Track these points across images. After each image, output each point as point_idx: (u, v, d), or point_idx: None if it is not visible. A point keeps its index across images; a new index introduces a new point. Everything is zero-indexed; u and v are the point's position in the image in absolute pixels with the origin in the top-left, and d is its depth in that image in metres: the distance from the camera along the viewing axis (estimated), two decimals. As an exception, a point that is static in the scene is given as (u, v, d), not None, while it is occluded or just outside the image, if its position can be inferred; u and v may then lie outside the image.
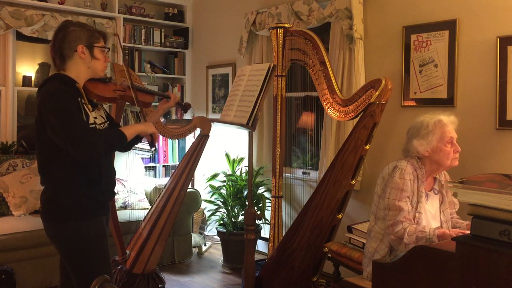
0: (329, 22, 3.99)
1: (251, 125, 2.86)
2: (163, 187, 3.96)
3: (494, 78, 3.12)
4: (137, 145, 2.80)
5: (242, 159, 4.79)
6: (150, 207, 4.13)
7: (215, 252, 4.94)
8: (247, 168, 4.21)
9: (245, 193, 4.46)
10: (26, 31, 4.62)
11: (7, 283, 3.48)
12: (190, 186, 3.98)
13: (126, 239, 3.84)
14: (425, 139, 2.43)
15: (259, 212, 3.94)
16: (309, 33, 3.40)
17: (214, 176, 4.78)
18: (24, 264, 3.70)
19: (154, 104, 4.01)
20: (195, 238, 4.81)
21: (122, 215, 4.20)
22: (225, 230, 4.51)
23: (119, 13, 5.19)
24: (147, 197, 4.68)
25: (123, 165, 4.48)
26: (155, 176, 5.50)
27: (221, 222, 4.63)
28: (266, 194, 4.48)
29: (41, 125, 2.21)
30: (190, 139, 5.05)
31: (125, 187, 4.53)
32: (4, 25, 4.51)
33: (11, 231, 3.70)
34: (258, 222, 3.80)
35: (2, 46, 4.64)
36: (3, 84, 4.65)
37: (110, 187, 2.44)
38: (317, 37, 3.36)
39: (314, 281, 3.31)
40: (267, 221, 4.41)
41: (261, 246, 4.77)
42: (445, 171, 2.59)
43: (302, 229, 3.24)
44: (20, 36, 4.73)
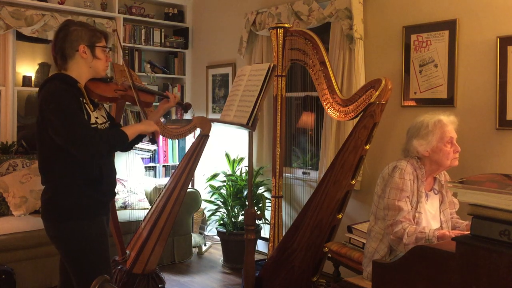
0: (329, 22, 3.99)
1: (251, 125, 2.86)
2: (163, 187, 3.96)
3: (494, 78, 3.12)
4: (137, 145, 2.80)
5: (242, 159, 4.79)
6: (150, 207, 4.13)
7: (215, 252, 4.94)
8: (247, 168, 4.21)
9: (245, 193, 4.46)
10: (26, 31, 4.62)
11: (7, 283, 3.48)
12: (190, 186, 3.98)
13: (126, 239, 3.84)
14: (425, 139, 2.43)
15: (259, 212, 3.94)
16: (309, 33, 3.40)
17: (214, 176, 4.78)
18: (24, 264, 3.70)
19: (155, 104, 4.02)
20: (195, 238, 4.81)
21: (122, 215, 4.20)
22: (225, 230, 4.51)
23: (119, 13, 5.19)
24: (147, 197, 4.68)
25: (123, 165, 4.48)
26: (155, 176, 5.50)
27: (221, 222, 4.63)
28: (266, 194, 4.48)
29: (42, 124, 2.20)
30: (190, 139, 5.05)
31: (125, 187, 4.53)
32: (4, 25, 4.51)
33: (11, 231, 3.70)
34: (258, 222, 3.80)
35: (2, 46, 4.64)
36: (3, 84, 4.66)
37: (111, 187, 2.44)
38: (317, 37, 3.36)
39: (314, 281, 3.31)
40: (267, 221, 4.41)
41: (261, 246, 4.77)
42: (445, 171, 2.59)
43: (302, 229, 3.24)
44: (20, 36, 4.73)
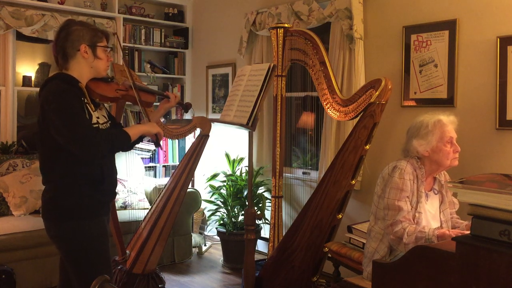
0: (329, 22, 3.99)
1: (251, 125, 2.86)
2: (163, 187, 3.96)
3: (494, 78, 3.12)
4: (137, 145, 2.80)
5: (242, 159, 4.79)
6: (150, 207, 4.12)
7: (215, 252, 4.94)
8: (247, 168, 4.21)
9: (245, 193, 4.46)
10: (26, 31, 4.62)
11: (7, 283, 3.48)
12: (190, 186, 3.98)
13: (126, 239, 3.84)
14: (424, 139, 2.43)
15: (259, 212, 3.94)
16: (309, 33, 3.40)
17: (214, 176, 4.78)
18: (24, 264, 3.70)
19: (155, 104, 4.01)
20: (195, 238, 4.81)
21: (122, 215, 4.20)
22: (225, 230, 4.51)
23: (119, 13, 5.19)
24: (147, 197, 4.68)
25: (123, 165, 4.48)
26: (155, 176, 5.50)
27: (221, 222, 4.63)
28: (266, 194, 4.48)
29: (43, 124, 2.20)
30: (190, 139, 5.05)
31: (125, 187, 4.53)
32: (4, 25, 4.51)
33: (11, 231, 3.70)
34: (258, 222, 3.80)
35: (2, 46, 4.64)
36: (3, 84, 4.66)
37: (112, 187, 2.44)
38: (317, 37, 3.36)
39: (314, 281, 3.31)
40: (267, 221, 4.41)
41: (261, 246, 4.77)
42: (445, 171, 2.59)
43: (302, 229, 3.24)
44: (20, 36, 4.73)
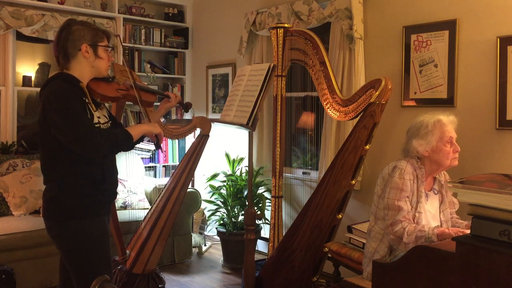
0: (329, 22, 3.99)
1: (251, 125, 2.86)
2: (163, 187, 3.96)
3: (494, 78, 3.12)
4: (137, 145, 2.80)
5: (242, 159, 4.79)
6: (150, 207, 4.13)
7: (215, 252, 4.94)
8: (247, 168, 4.21)
9: (245, 193, 4.46)
10: (26, 31, 4.62)
11: (7, 283, 3.48)
12: (190, 186, 3.98)
13: (126, 239, 3.84)
14: (424, 139, 2.43)
15: (259, 212, 3.94)
16: (309, 33, 3.40)
17: (214, 176, 4.78)
18: (24, 264, 3.70)
19: (155, 104, 4.01)
20: (195, 238, 4.81)
21: (122, 215, 4.20)
22: (225, 230, 4.50)
23: (119, 13, 5.19)
24: (147, 197, 4.68)
25: (123, 165, 4.48)
26: (155, 176, 5.50)
27: (221, 222, 4.63)
28: (266, 194, 4.48)
29: (45, 124, 2.20)
30: (190, 139, 5.05)
31: (125, 187, 4.53)
32: (4, 25, 4.50)
33: (11, 231, 3.70)
34: (258, 222, 3.80)
35: (2, 46, 4.64)
36: (3, 84, 4.65)
37: (113, 187, 2.44)
38: (317, 37, 3.36)
39: (314, 281, 3.31)
40: (267, 221, 4.41)
41: (261, 246, 4.77)
42: (445, 171, 2.59)
43: (302, 229, 3.24)
44: (20, 36, 4.73)
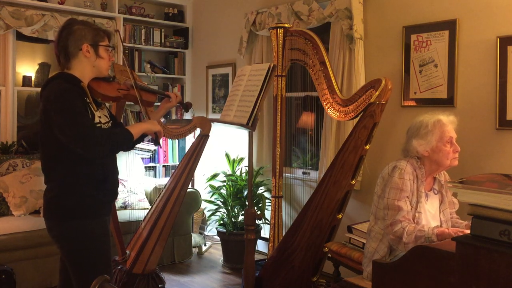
0: (329, 22, 3.99)
1: (251, 125, 2.86)
2: (163, 187, 3.96)
3: (494, 78, 3.12)
4: (137, 145, 2.80)
5: (242, 159, 4.79)
6: (150, 207, 4.12)
7: (215, 252, 4.94)
8: (247, 168, 4.21)
9: (245, 193, 4.46)
10: (26, 31, 4.62)
11: (7, 283, 3.48)
12: (190, 186, 3.98)
13: (126, 239, 3.84)
14: (424, 139, 2.43)
15: (259, 212, 3.94)
16: (309, 33, 3.40)
17: (214, 176, 4.78)
18: (24, 264, 3.70)
19: (156, 104, 4.01)
20: (195, 238, 4.81)
21: (122, 215, 4.20)
22: (225, 230, 4.50)
23: (119, 13, 5.19)
24: (147, 197, 4.68)
25: (123, 165, 4.48)
26: (155, 176, 5.50)
27: (221, 222, 4.63)
28: (266, 194, 4.48)
29: (45, 124, 2.19)
30: (190, 139, 5.05)
31: (125, 187, 4.53)
32: (4, 25, 4.50)
33: (11, 231, 3.70)
34: (258, 222, 3.80)
35: (2, 46, 4.64)
36: (3, 84, 4.65)
37: (114, 187, 2.44)
38: (317, 37, 3.36)
39: (314, 281, 3.31)
40: (267, 221, 4.41)
41: (261, 246, 4.77)
42: (445, 171, 2.59)
43: (302, 229, 3.24)
44: (20, 36, 4.73)
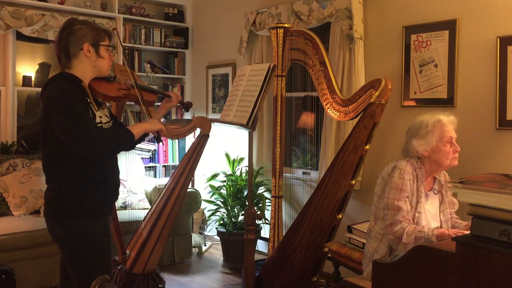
0: (329, 22, 3.99)
1: (251, 125, 2.86)
2: (163, 187, 3.96)
3: (494, 78, 3.12)
4: (138, 145, 2.80)
5: (242, 159, 4.79)
6: (150, 207, 4.12)
7: (215, 252, 4.94)
8: (247, 168, 4.21)
9: (245, 193, 4.46)
10: (26, 31, 4.62)
11: (7, 283, 3.48)
12: (190, 186, 3.98)
13: (126, 239, 3.84)
14: (424, 139, 2.43)
15: (259, 212, 3.94)
16: (309, 33, 3.40)
17: (214, 176, 4.78)
18: (24, 264, 3.70)
19: (156, 104, 4.01)
20: (195, 238, 4.81)
21: (122, 215, 4.20)
22: (225, 230, 4.50)
23: (119, 13, 5.19)
24: (147, 197, 4.68)
25: (123, 165, 4.48)
26: (155, 176, 5.50)
27: (221, 222, 4.63)
28: (266, 194, 4.48)
29: (46, 124, 2.19)
30: (190, 139, 5.05)
31: (125, 187, 4.53)
32: (4, 25, 4.50)
33: (11, 231, 3.70)
34: (258, 222, 3.80)
35: (2, 46, 4.64)
36: (3, 84, 4.65)
37: (115, 187, 2.44)
38: (317, 37, 3.36)
39: (314, 281, 3.31)
40: (267, 221, 4.41)
41: (261, 246, 4.77)
42: (445, 171, 2.59)
43: (302, 229, 3.24)
44: (20, 36, 4.73)
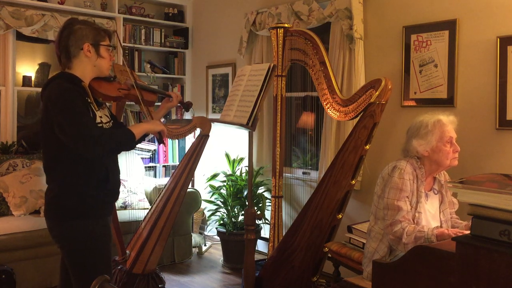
0: (329, 22, 3.99)
1: (251, 125, 2.86)
2: (163, 187, 3.96)
3: (494, 78, 3.12)
4: (138, 145, 2.79)
5: (242, 159, 4.79)
6: (150, 207, 4.12)
7: (215, 252, 4.94)
8: (247, 168, 4.21)
9: (245, 193, 4.46)
10: (26, 31, 4.62)
11: (7, 283, 3.48)
12: (190, 186, 3.98)
13: (126, 239, 3.84)
14: (424, 139, 2.43)
15: (259, 212, 3.94)
16: (309, 33, 3.40)
17: (214, 176, 4.78)
18: (24, 264, 3.70)
19: (156, 104, 4.01)
20: (195, 238, 4.81)
21: (122, 215, 4.20)
22: (225, 230, 4.50)
23: (119, 13, 5.19)
24: (147, 197, 4.68)
25: (123, 165, 4.47)
26: (155, 176, 5.50)
27: (221, 222, 4.63)
28: (266, 194, 4.48)
29: (47, 124, 2.18)
30: (190, 139, 5.05)
31: (125, 187, 4.53)
32: (4, 25, 4.50)
33: (11, 231, 3.70)
34: (258, 222, 3.80)
35: (2, 46, 4.64)
36: (3, 84, 4.65)
37: (115, 187, 2.43)
38: (317, 37, 3.36)
39: (314, 281, 3.31)
40: (267, 221, 4.41)
41: (261, 246, 4.77)
42: (445, 171, 2.59)
43: (302, 229, 3.24)
44: (20, 36, 4.73)
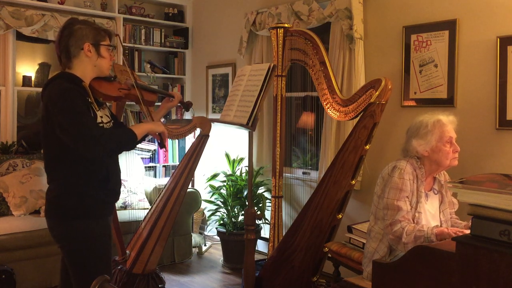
0: (329, 22, 3.99)
1: (251, 125, 2.86)
2: (163, 187, 3.96)
3: (494, 78, 3.12)
4: (138, 145, 2.79)
5: (242, 159, 4.79)
6: (150, 207, 4.13)
7: (215, 252, 4.94)
8: (247, 168, 4.21)
9: (245, 193, 4.46)
10: (26, 31, 4.62)
11: (7, 283, 3.48)
12: (190, 186, 3.98)
13: (126, 239, 3.84)
14: (424, 139, 2.43)
15: (259, 212, 3.94)
16: (309, 33, 3.40)
17: (214, 176, 4.78)
18: (24, 264, 3.70)
19: (156, 104, 4.01)
20: (195, 238, 4.81)
21: (122, 215, 4.20)
22: (225, 230, 4.51)
23: (119, 13, 5.19)
24: (147, 197, 4.68)
25: (123, 165, 4.46)
26: (155, 176, 5.50)
27: (221, 222, 4.63)
28: (266, 194, 4.48)
29: (47, 123, 2.18)
30: (190, 139, 5.05)
31: (125, 187, 4.53)
32: (4, 25, 4.50)
33: (11, 231, 3.70)
34: (258, 222, 3.80)
35: (2, 46, 4.64)
36: (3, 84, 4.65)
37: (116, 187, 2.43)
38: (317, 37, 3.36)
39: (314, 281, 3.31)
40: (267, 221, 4.41)
41: (261, 246, 4.77)
42: (445, 171, 2.59)
43: (302, 229, 3.24)
44: (20, 36, 4.73)
